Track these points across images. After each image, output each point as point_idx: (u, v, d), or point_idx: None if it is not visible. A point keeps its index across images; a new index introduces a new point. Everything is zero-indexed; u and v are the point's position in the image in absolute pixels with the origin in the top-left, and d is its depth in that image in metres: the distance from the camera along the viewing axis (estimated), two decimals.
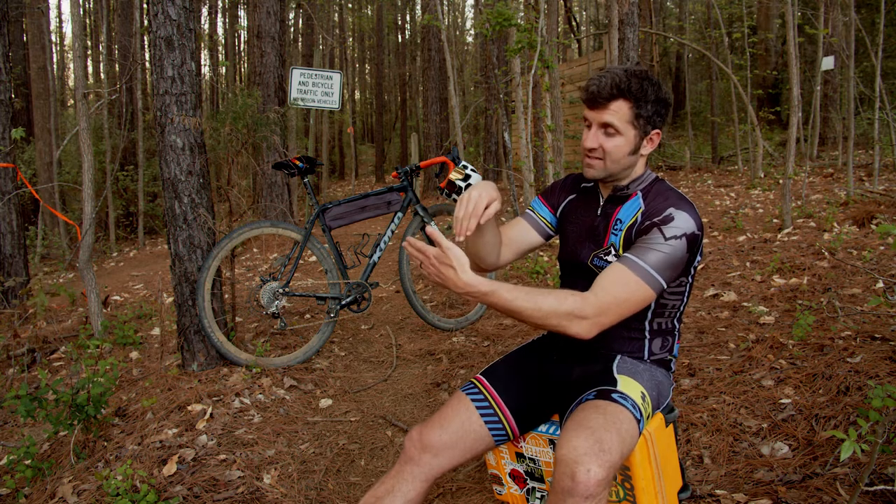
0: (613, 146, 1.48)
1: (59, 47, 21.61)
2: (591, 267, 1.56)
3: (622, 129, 1.47)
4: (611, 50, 5.58)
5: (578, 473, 1.23)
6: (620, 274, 1.40)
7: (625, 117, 1.46)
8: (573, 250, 1.63)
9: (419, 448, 1.52)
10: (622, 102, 1.45)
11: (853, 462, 1.84)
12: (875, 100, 6.43)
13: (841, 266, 3.70)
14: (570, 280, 1.66)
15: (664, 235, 1.41)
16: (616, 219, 1.55)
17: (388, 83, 25.54)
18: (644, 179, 1.56)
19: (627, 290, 1.39)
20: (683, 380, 2.56)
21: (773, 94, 14.47)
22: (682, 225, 1.42)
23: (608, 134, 1.48)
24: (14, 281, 4.85)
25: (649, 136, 1.51)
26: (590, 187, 1.68)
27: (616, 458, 1.28)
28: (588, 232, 1.61)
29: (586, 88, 1.48)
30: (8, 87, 5.04)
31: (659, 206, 1.47)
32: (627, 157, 1.51)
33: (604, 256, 1.54)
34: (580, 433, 1.30)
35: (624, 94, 1.44)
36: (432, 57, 12.36)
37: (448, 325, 3.62)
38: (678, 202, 1.47)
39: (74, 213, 10.22)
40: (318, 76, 7.07)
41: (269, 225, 3.18)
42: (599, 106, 1.47)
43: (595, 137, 1.49)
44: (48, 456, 2.40)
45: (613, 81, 1.44)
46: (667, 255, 1.41)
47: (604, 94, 1.45)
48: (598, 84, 1.45)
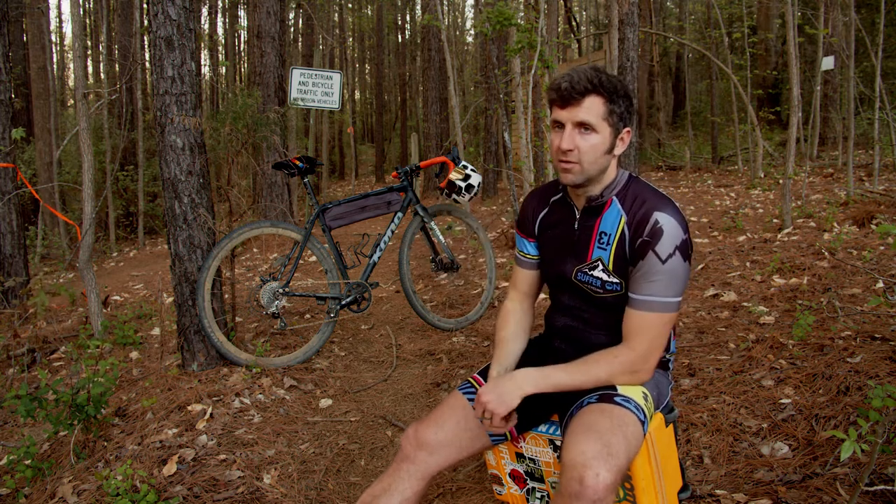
0: (590, 146, 1.43)
1: (59, 47, 21.61)
2: (575, 282, 1.56)
3: (598, 126, 1.43)
4: (611, 50, 5.58)
5: (587, 478, 1.23)
6: (645, 319, 1.43)
7: (600, 114, 1.42)
8: (555, 265, 1.61)
9: (415, 446, 1.52)
10: (596, 98, 1.42)
11: (853, 462, 1.84)
12: (875, 100, 6.43)
13: (841, 266, 3.70)
14: (558, 293, 1.66)
15: (660, 259, 1.40)
16: (600, 231, 1.51)
17: (388, 83, 25.54)
18: (617, 183, 1.52)
19: (657, 328, 1.43)
20: (683, 380, 2.56)
21: (773, 94, 14.47)
22: (671, 235, 1.40)
23: (583, 133, 1.43)
24: (14, 281, 4.85)
25: (621, 134, 1.48)
26: (559, 199, 1.64)
27: (623, 462, 1.28)
28: (567, 246, 1.58)
29: (556, 87, 1.43)
30: (8, 87, 5.04)
31: (642, 213, 1.44)
32: (603, 157, 1.46)
33: (588, 271, 1.52)
34: (588, 437, 1.30)
35: (597, 90, 1.41)
36: (432, 57, 12.35)
37: (448, 325, 3.62)
38: (659, 204, 1.43)
39: (74, 213, 10.22)
40: (318, 76, 7.07)
41: (269, 225, 3.18)
42: (573, 103, 1.42)
43: (570, 138, 1.43)
44: (48, 456, 2.40)
45: (586, 77, 1.41)
46: (670, 277, 1.41)
47: (578, 88, 1.40)
48: (570, 80, 1.41)
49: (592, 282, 1.52)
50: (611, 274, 1.49)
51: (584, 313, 1.59)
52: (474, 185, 3.50)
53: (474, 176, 3.52)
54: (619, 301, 1.51)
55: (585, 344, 1.58)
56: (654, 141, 15.06)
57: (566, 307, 1.63)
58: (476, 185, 3.51)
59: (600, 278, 1.51)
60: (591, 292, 1.54)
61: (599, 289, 1.52)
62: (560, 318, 1.65)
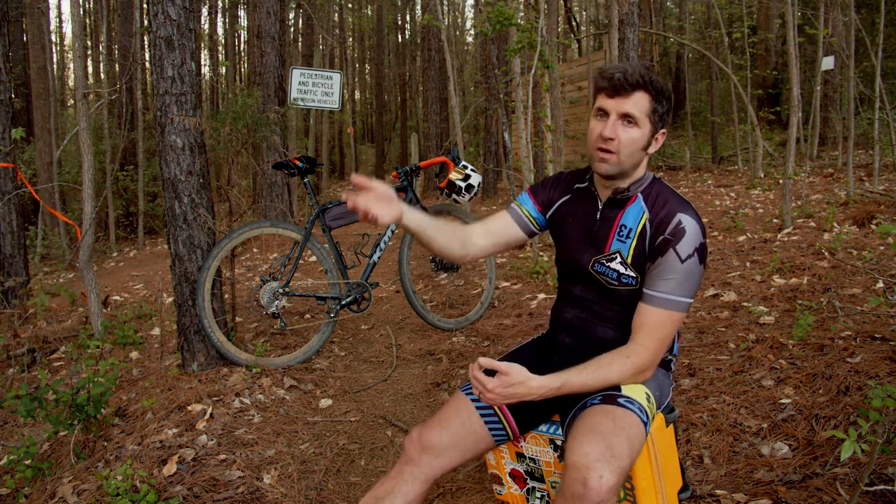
0: (630, 138, 1.45)
1: (59, 47, 21.61)
2: (592, 272, 1.56)
3: (641, 121, 1.45)
4: (611, 50, 5.58)
5: (591, 480, 1.23)
6: (658, 316, 1.44)
7: (644, 109, 1.44)
8: (572, 254, 1.61)
9: (419, 449, 1.52)
10: (643, 94, 1.44)
11: (853, 462, 1.84)
12: (875, 100, 6.43)
13: (841, 266, 3.70)
14: (570, 283, 1.65)
15: (680, 258, 1.42)
16: (620, 224, 1.53)
17: (388, 83, 25.54)
18: (644, 181, 1.55)
19: (667, 327, 1.45)
20: (683, 380, 2.56)
21: (773, 94, 14.47)
22: (692, 236, 1.43)
23: (626, 126, 1.45)
24: (14, 281, 4.85)
25: (657, 134, 1.50)
26: (584, 188, 1.64)
27: (626, 464, 1.28)
28: (587, 236, 1.59)
29: (609, 77, 1.44)
30: (8, 87, 5.04)
31: (665, 213, 1.47)
32: (639, 152, 1.48)
33: (606, 263, 1.53)
34: (591, 439, 1.30)
35: (647, 86, 1.43)
36: (432, 57, 12.35)
37: (448, 325, 3.61)
38: (681, 206, 1.47)
39: (74, 213, 10.22)
40: (318, 76, 7.06)
41: (269, 225, 3.18)
42: (623, 94, 1.43)
43: (614, 127, 1.44)
44: (48, 456, 2.40)
45: (639, 72, 1.43)
46: (687, 276, 1.43)
47: (631, 81, 1.42)
48: (623, 72, 1.43)
49: (609, 273, 1.53)
50: (628, 267, 1.50)
51: (595, 305, 1.59)
52: (474, 185, 3.50)
53: (474, 176, 3.52)
54: (632, 295, 1.51)
55: (592, 338, 1.59)
56: None
57: (577, 298, 1.62)
58: (476, 185, 3.51)
59: (617, 270, 1.52)
60: (606, 283, 1.54)
61: (615, 281, 1.52)
62: (569, 309, 1.65)
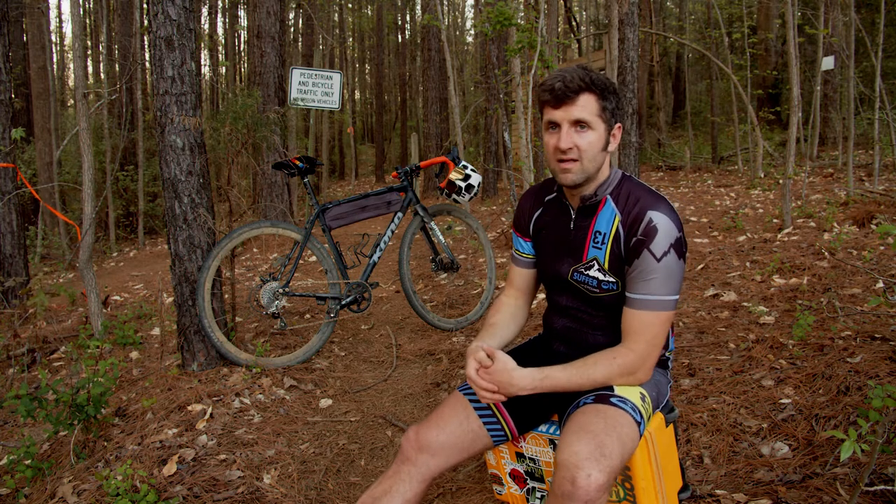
0: (588, 143, 1.44)
1: (59, 47, 21.62)
2: (572, 283, 1.56)
3: (593, 123, 1.44)
4: (611, 50, 5.58)
5: (579, 478, 1.24)
6: (643, 318, 1.43)
7: (594, 110, 1.43)
8: (551, 266, 1.61)
9: (416, 448, 1.52)
10: (589, 96, 1.43)
11: (853, 462, 1.84)
12: (875, 100, 6.42)
13: (841, 266, 3.70)
14: (555, 294, 1.66)
15: (655, 257, 1.40)
16: (595, 231, 1.52)
17: (388, 83, 25.54)
18: (611, 182, 1.53)
19: (655, 327, 1.43)
20: (683, 380, 2.56)
21: (773, 94, 14.47)
22: (666, 233, 1.41)
23: (580, 131, 1.44)
24: (14, 281, 4.85)
25: (612, 131, 1.49)
26: (554, 198, 1.64)
27: (616, 463, 1.28)
28: (563, 246, 1.58)
29: (549, 88, 1.44)
30: (8, 87, 5.04)
31: (636, 212, 1.45)
32: (600, 154, 1.47)
33: (585, 271, 1.53)
34: (581, 437, 1.30)
35: (590, 87, 1.42)
36: (432, 57, 12.36)
37: (448, 325, 3.62)
38: (652, 203, 1.44)
39: (74, 213, 10.22)
40: (318, 76, 7.07)
41: (269, 225, 3.18)
42: (568, 101, 1.43)
43: (568, 137, 1.43)
44: (48, 456, 2.40)
45: (578, 76, 1.42)
46: (666, 275, 1.41)
47: (572, 87, 1.41)
48: (562, 80, 1.42)
49: (589, 281, 1.52)
50: (607, 273, 1.50)
51: (582, 314, 1.59)
52: (474, 185, 3.50)
53: (474, 176, 3.52)
54: (616, 301, 1.51)
55: (584, 345, 1.59)
56: (654, 141, 15.06)
57: (564, 308, 1.63)
58: (476, 185, 3.51)
59: (596, 278, 1.51)
60: (588, 292, 1.54)
61: (596, 288, 1.52)
62: (558, 319, 1.65)
